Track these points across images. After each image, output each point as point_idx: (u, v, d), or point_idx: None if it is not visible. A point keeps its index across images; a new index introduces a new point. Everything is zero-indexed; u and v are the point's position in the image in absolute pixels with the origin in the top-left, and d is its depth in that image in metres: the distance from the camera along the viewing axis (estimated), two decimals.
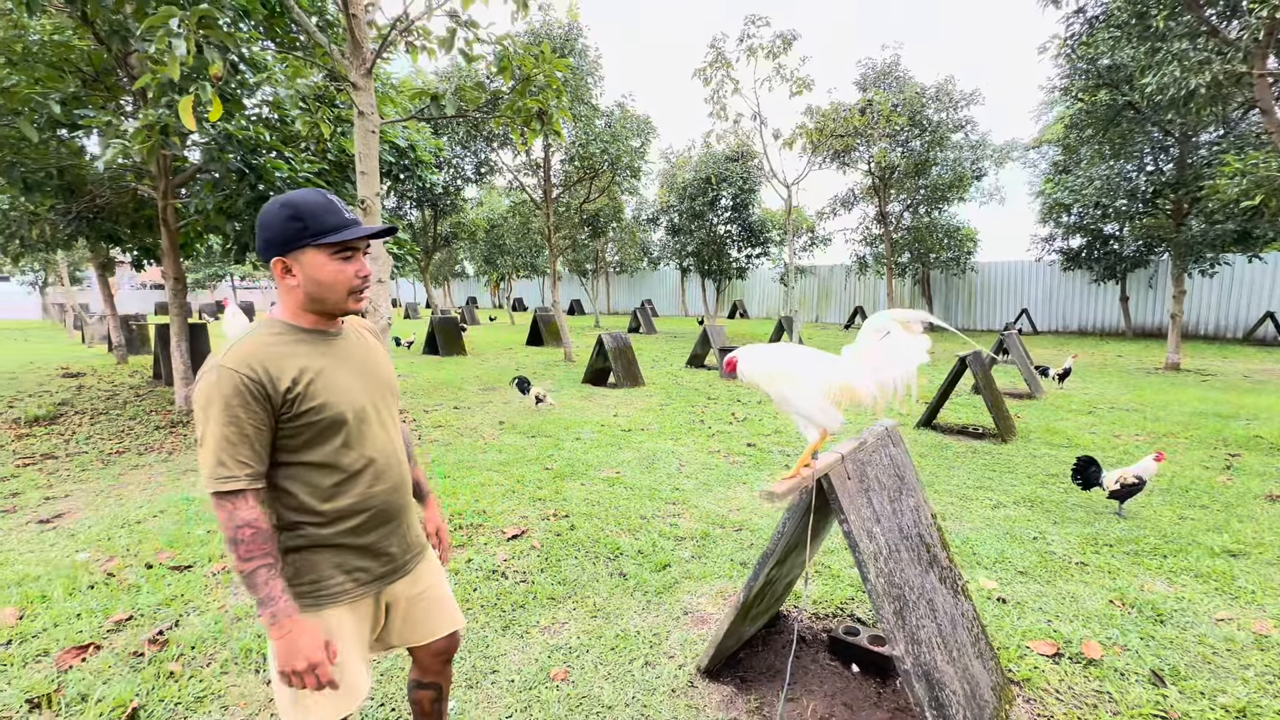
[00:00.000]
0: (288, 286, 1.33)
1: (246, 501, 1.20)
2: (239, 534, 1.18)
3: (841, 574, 3.10)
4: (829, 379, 1.73)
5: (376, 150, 3.10)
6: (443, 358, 12.96)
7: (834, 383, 1.73)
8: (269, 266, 1.32)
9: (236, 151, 4.63)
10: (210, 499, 1.19)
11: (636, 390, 9.23)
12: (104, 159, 4.09)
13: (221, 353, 1.24)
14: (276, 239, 1.29)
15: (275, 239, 1.29)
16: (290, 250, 1.29)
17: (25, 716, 2.04)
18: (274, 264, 1.31)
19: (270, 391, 1.24)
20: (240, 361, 1.22)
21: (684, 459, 5.36)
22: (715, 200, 17.63)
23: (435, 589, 1.57)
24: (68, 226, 6.82)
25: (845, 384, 1.72)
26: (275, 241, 1.29)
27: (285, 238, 1.28)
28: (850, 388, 1.72)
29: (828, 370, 1.75)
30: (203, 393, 1.20)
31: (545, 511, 3.98)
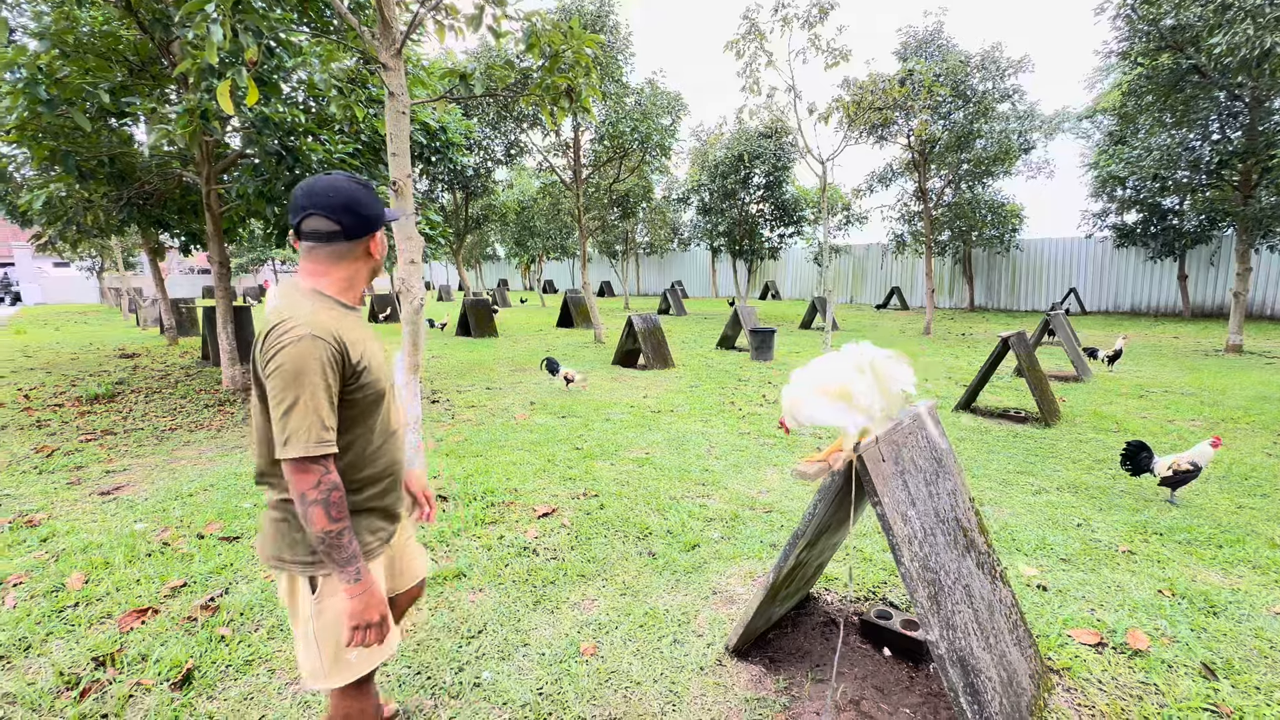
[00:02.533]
0: (357, 263, 1.36)
1: (332, 465, 1.24)
2: (332, 496, 1.23)
3: (873, 557, 3.05)
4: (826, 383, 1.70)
5: (407, 132, 3.12)
6: (475, 339, 13.15)
7: (832, 387, 1.69)
8: (349, 242, 1.33)
9: (274, 135, 4.73)
10: (295, 464, 1.20)
11: (666, 372, 9.21)
12: (148, 144, 4.22)
13: (298, 322, 1.24)
14: (375, 217, 1.34)
15: (374, 217, 1.34)
16: (379, 228, 1.36)
17: (91, 673, 2.18)
18: (368, 241, 1.36)
19: (345, 361, 1.29)
20: (325, 331, 1.25)
21: (714, 440, 5.34)
22: (747, 178, 17.30)
23: (411, 539, 1.71)
24: (119, 213, 7.11)
25: (843, 388, 1.68)
26: (375, 219, 1.34)
27: (379, 216, 1.35)
28: (850, 392, 1.68)
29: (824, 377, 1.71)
30: (293, 359, 1.21)
31: (575, 490, 4.02)
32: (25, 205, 5.93)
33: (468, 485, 4.03)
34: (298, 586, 1.36)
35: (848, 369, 1.68)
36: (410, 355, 3.54)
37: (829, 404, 1.70)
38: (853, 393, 1.65)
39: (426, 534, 3.29)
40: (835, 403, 1.69)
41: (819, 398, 1.71)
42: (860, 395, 1.64)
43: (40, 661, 2.27)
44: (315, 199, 1.31)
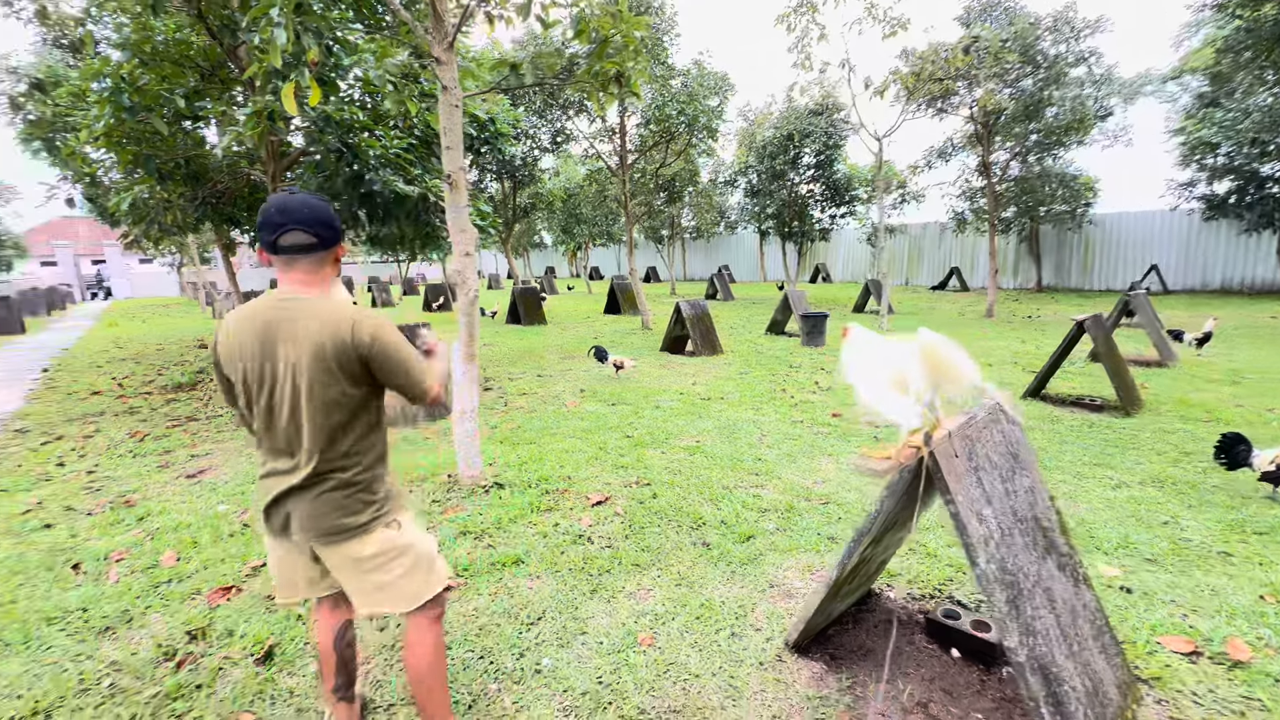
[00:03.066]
0: (329, 269, 1.58)
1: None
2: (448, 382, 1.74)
3: (938, 553, 2.93)
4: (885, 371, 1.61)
5: (460, 124, 3.15)
6: (524, 327, 13.37)
7: (892, 376, 1.60)
8: (325, 251, 1.54)
9: (334, 133, 4.90)
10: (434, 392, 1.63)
11: (715, 358, 9.12)
12: (221, 146, 4.44)
13: (362, 310, 1.55)
14: (341, 229, 1.60)
15: (341, 229, 1.60)
16: (342, 239, 1.63)
17: (185, 646, 2.34)
18: (336, 250, 1.57)
19: None
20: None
21: (766, 429, 5.25)
22: (797, 158, 16.80)
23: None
24: (195, 211, 7.53)
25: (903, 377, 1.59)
26: (341, 231, 1.60)
27: (342, 229, 1.74)
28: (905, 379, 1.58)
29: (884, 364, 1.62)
30: (391, 329, 1.53)
31: (628, 479, 4.03)
32: (114, 207, 6.36)
33: (522, 472, 4.11)
34: (379, 537, 1.55)
35: (908, 357, 1.59)
36: (466, 345, 3.62)
37: (888, 393, 1.61)
38: (913, 383, 1.57)
39: (484, 520, 3.38)
40: (893, 392, 1.61)
41: (877, 385, 1.63)
42: (921, 386, 1.55)
43: (141, 633, 2.46)
44: (291, 215, 1.45)
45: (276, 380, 1.46)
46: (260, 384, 1.47)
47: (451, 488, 3.83)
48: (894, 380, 1.59)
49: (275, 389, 1.47)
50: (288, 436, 1.49)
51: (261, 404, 1.49)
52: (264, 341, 1.45)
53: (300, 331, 1.44)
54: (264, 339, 1.45)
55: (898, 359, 1.60)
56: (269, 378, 1.46)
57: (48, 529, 3.54)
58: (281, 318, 1.46)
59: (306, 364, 1.44)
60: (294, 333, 1.44)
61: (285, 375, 1.45)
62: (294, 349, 1.44)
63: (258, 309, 1.48)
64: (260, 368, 1.46)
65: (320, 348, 1.44)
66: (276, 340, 1.45)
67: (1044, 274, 20.36)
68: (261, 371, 1.47)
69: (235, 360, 1.48)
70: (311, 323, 1.45)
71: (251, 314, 1.48)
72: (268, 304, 1.48)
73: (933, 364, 1.57)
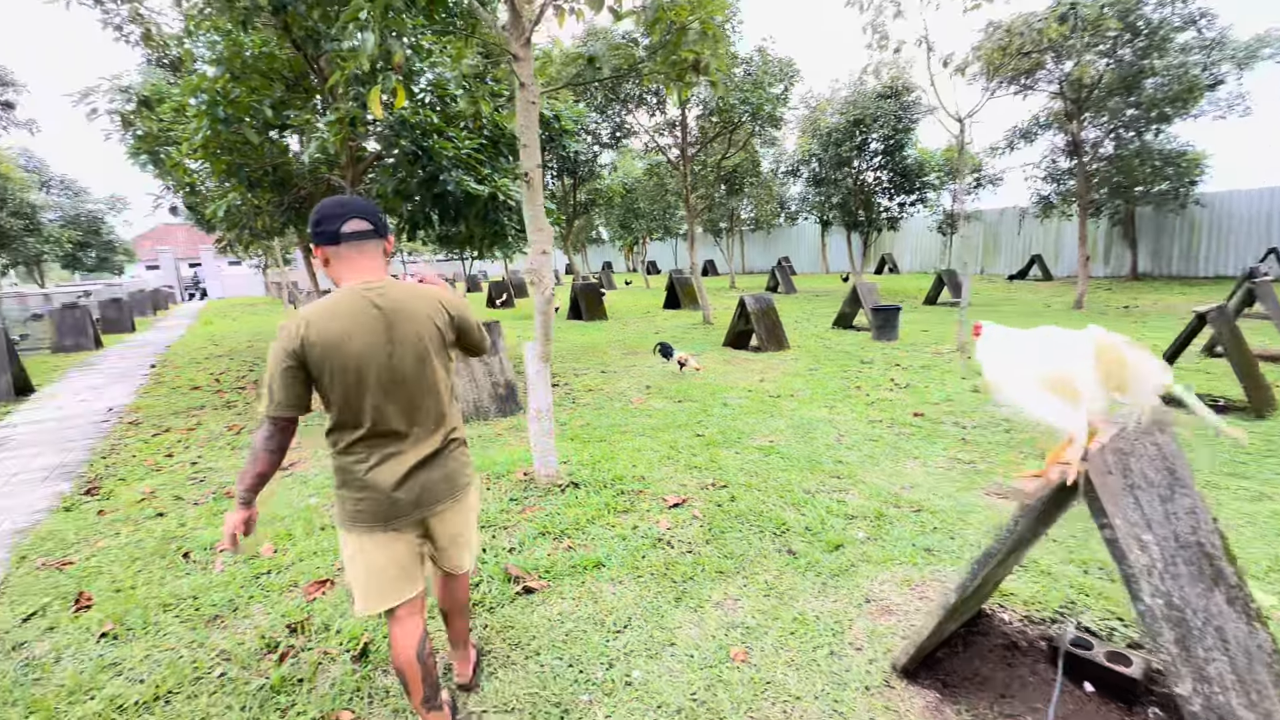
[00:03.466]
0: (384, 257, 1.66)
1: None
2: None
3: (1052, 570, 2.68)
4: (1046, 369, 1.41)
5: (536, 122, 3.11)
6: (586, 322, 13.45)
7: (1053, 375, 1.40)
8: (380, 240, 1.63)
9: (409, 136, 5.01)
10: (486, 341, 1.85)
11: (781, 354, 8.86)
12: (307, 153, 4.63)
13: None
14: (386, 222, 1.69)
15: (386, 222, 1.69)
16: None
17: (286, 639, 2.42)
18: (387, 240, 1.65)
19: None
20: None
21: (842, 428, 5.02)
22: (863, 145, 16.10)
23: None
24: (281, 216, 7.95)
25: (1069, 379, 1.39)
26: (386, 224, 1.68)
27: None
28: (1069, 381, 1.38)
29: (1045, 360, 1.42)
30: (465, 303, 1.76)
31: (703, 480, 3.93)
32: (211, 214, 6.79)
33: (596, 471, 4.07)
34: (476, 485, 1.85)
35: (1078, 355, 1.40)
36: (542, 344, 3.60)
37: (1047, 396, 1.43)
38: (1082, 387, 1.38)
39: (563, 520, 3.36)
40: (1054, 396, 1.43)
41: (1032, 385, 1.45)
42: (1094, 390, 1.36)
43: (245, 623, 2.57)
44: (348, 207, 1.56)
45: (402, 357, 1.54)
46: (380, 365, 1.51)
47: (528, 486, 3.84)
48: (1052, 381, 1.41)
49: (396, 366, 1.53)
50: (409, 412, 1.58)
51: (382, 386, 1.52)
52: (389, 325, 1.52)
53: (418, 310, 1.58)
54: (388, 323, 1.52)
55: (1059, 358, 1.42)
56: (391, 357, 1.53)
57: (160, 517, 3.79)
58: (392, 303, 1.54)
59: (429, 338, 1.59)
60: (413, 312, 1.56)
61: (410, 353, 1.55)
62: (415, 327, 1.56)
63: (358, 303, 1.51)
64: (386, 350, 1.52)
65: (434, 322, 1.60)
66: (398, 322, 1.53)
67: (1139, 260, 18.72)
68: (390, 352, 1.53)
69: (340, 349, 1.47)
70: (419, 303, 1.59)
71: (357, 307, 1.51)
72: (364, 297, 1.52)
73: (1109, 365, 1.38)
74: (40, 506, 4.12)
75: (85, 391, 8.06)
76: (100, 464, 4.98)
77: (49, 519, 3.87)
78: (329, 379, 1.49)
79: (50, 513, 4.00)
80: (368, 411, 1.53)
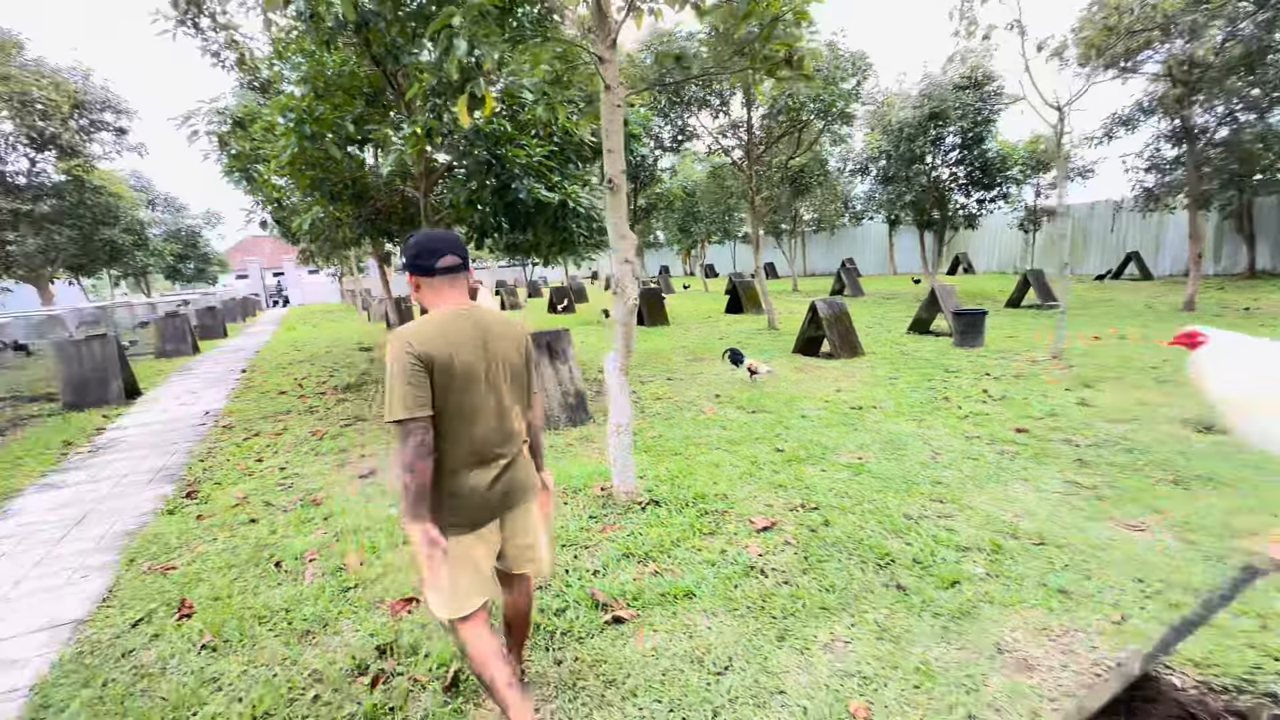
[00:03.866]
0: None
1: None
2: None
3: (1226, 624, 2.29)
4: None
5: (622, 125, 2.98)
6: (648, 327, 13.34)
7: None
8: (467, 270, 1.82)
9: (483, 145, 5.03)
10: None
11: (856, 361, 8.44)
12: (386, 166, 4.71)
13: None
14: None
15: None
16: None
17: (376, 662, 2.38)
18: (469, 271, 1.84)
19: None
20: None
21: (936, 445, 4.64)
22: (938, 140, 15.28)
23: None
24: (359, 228, 8.25)
25: None
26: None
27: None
28: None
29: None
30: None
31: (790, 501, 3.69)
32: (296, 227, 7.10)
33: (675, 488, 3.90)
34: (539, 490, 1.99)
35: None
36: (622, 356, 3.47)
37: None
38: None
39: (646, 541, 3.20)
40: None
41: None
42: None
43: (335, 641, 2.54)
44: (444, 243, 1.74)
45: (495, 371, 1.76)
46: (480, 375, 1.72)
47: (606, 502, 3.72)
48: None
49: (490, 378, 1.75)
50: (500, 419, 1.78)
51: (480, 394, 1.72)
52: (485, 342, 1.74)
53: (506, 332, 1.82)
54: (485, 340, 1.74)
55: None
56: (489, 369, 1.74)
57: (253, 523, 3.90)
58: (489, 323, 1.77)
59: (514, 355, 1.83)
60: (502, 333, 1.80)
61: (501, 366, 1.78)
62: (504, 345, 1.79)
63: (460, 322, 1.71)
64: (485, 363, 1.73)
65: (518, 342, 1.85)
66: (490, 340, 1.75)
67: (1258, 256, 16.89)
68: (488, 365, 1.74)
69: (452, 359, 1.65)
70: (506, 326, 1.83)
71: (460, 324, 1.71)
72: (464, 316, 1.73)
73: None
74: (146, 509, 4.34)
75: (184, 395, 8.61)
76: (198, 467, 5.24)
77: (154, 522, 4.06)
78: (442, 389, 1.65)
79: (155, 515, 4.20)
80: (467, 418, 1.70)
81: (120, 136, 15.35)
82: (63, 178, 15.07)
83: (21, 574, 3.41)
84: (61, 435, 6.62)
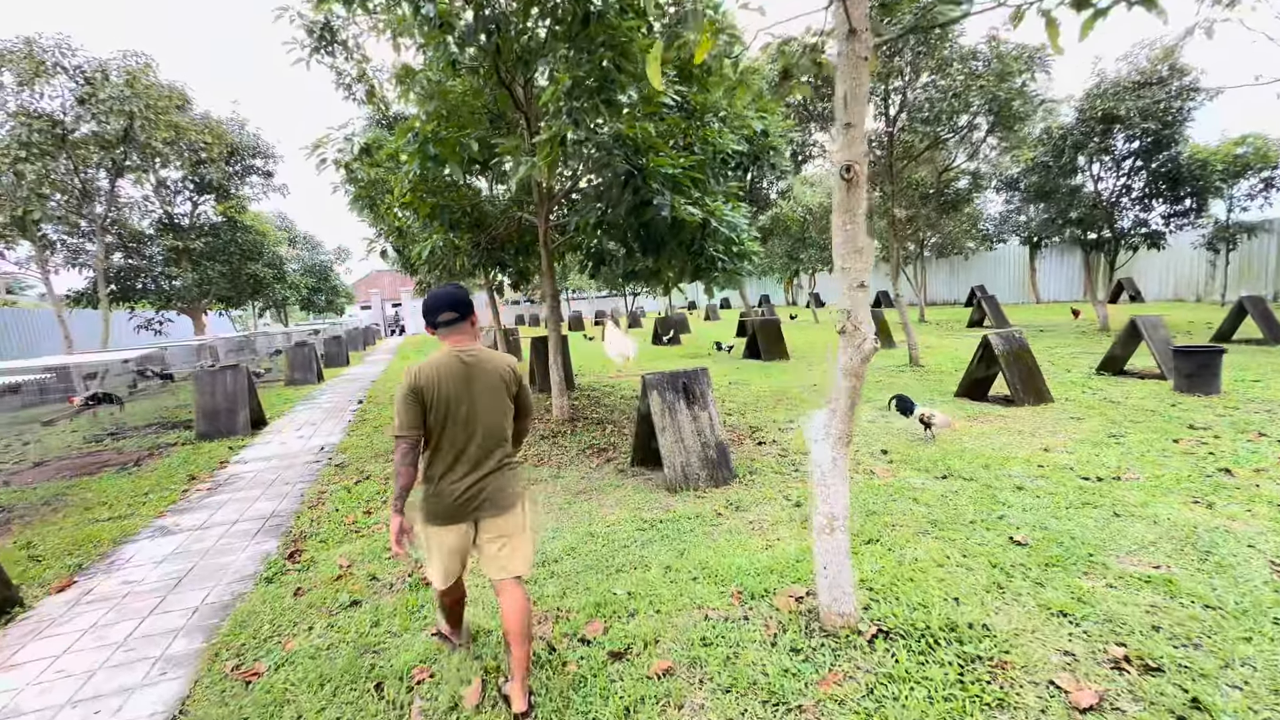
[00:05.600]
0: (471, 331, 2.34)
1: None
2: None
3: None
4: None
5: (868, 85, 2.02)
6: (766, 362, 12.17)
7: None
8: (466, 319, 2.32)
9: (623, 152, 4.30)
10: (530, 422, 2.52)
11: (1045, 409, 6.84)
12: (514, 179, 4.11)
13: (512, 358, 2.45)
14: (469, 304, 2.34)
15: (469, 304, 2.34)
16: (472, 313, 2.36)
17: None
18: (470, 318, 2.33)
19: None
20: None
21: (1265, 548, 3.16)
22: (1106, 147, 13.08)
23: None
24: (475, 256, 7.91)
25: None
26: (469, 306, 2.34)
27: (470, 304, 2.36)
28: None
29: None
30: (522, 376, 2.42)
31: (1097, 646, 2.43)
32: (415, 256, 6.80)
33: (903, 606, 2.76)
34: (522, 507, 2.35)
35: None
36: (843, 421, 2.45)
37: None
38: None
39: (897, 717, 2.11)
40: None
41: None
42: None
43: None
44: (440, 302, 2.27)
45: (475, 400, 2.22)
46: (460, 403, 2.19)
47: (809, 626, 2.66)
48: None
49: (473, 406, 2.21)
50: (480, 440, 2.23)
51: (459, 419, 2.20)
52: (467, 378, 2.22)
53: (488, 369, 2.27)
54: (467, 376, 2.22)
55: None
56: (468, 399, 2.21)
57: (354, 606, 3.23)
58: (476, 362, 2.25)
59: (493, 388, 2.27)
60: (487, 369, 2.26)
61: (480, 396, 2.23)
62: (486, 380, 2.25)
63: (451, 361, 2.22)
64: (469, 394, 2.21)
65: (499, 376, 2.29)
66: (474, 376, 2.23)
67: None
68: (468, 395, 2.21)
69: (436, 390, 2.17)
70: (489, 364, 2.28)
71: (450, 363, 2.21)
72: (456, 356, 2.23)
73: None
74: (248, 570, 3.83)
75: (304, 427, 8.56)
76: (306, 517, 4.77)
77: (251, 592, 3.50)
78: (430, 413, 2.18)
79: (255, 581, 3.66)
80: (450, 434, 2.20)
81: (267, 179, 16.73)
82: (219, 218, 16.57)
83: (102, 660, 2.89)
84: (189, 468, 6.56)
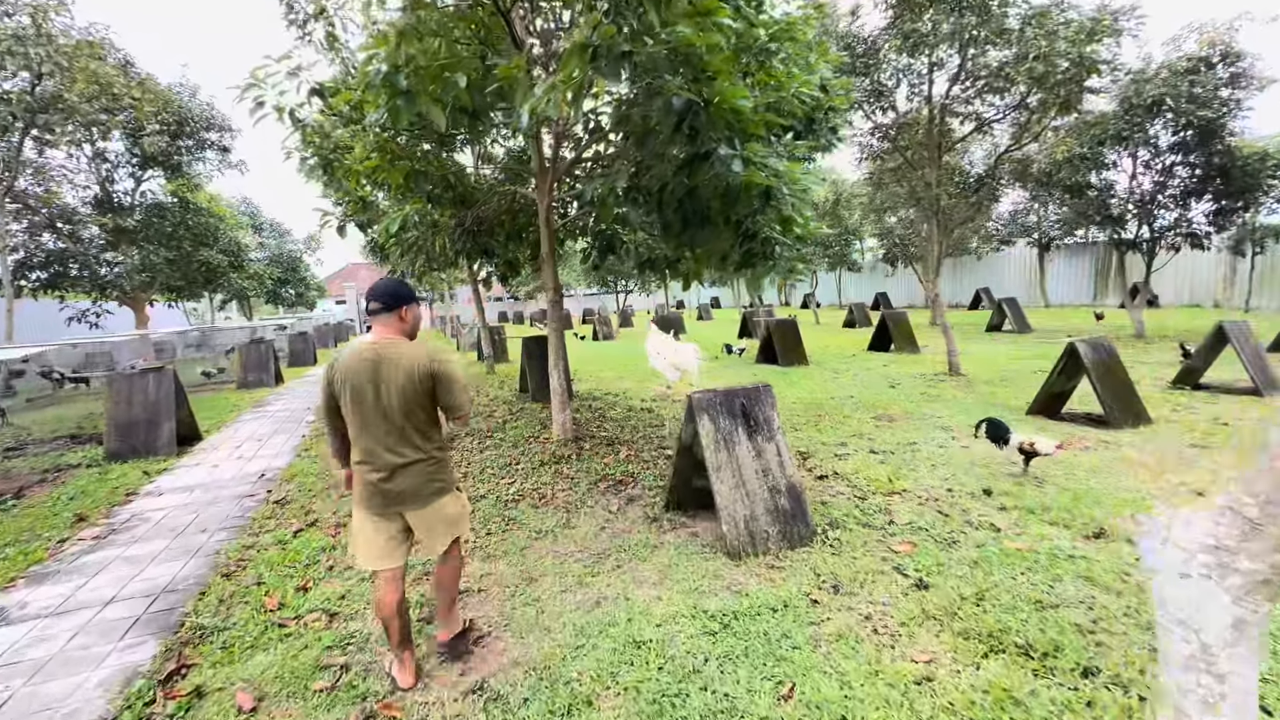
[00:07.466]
0: (399, 324, 2.40)
1: None
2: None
3: None
4: None
5: None
6: (783, 367, 10.92)
7: None
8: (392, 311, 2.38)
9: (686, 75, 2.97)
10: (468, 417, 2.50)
11: (1143, 431, 5.75)
12: (529, 105, 2.79)
13: (432, 348, 2.44)
14: (404, 295, 2.41)
15: (404, 295, 2.41)
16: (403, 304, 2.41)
17: None
18: (399, 310, 2.38)
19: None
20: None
21: None
22: (1149, 138, 12.10)
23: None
24: (457, 242, 6.51)
25: None
26: (404, 296, 2.40)
27: (407, 296, 2.42)
28: None
29: None
30: (451, 364, 2.42)
31: None
32: (383, 233, 5.37)
33: None
34: (452, 498, 2.49)
35: None
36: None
37: None
38: None
39: None
40: None
41: None
42: None
43: None
44: (373, 293, 2.37)
45: (384, 392, 2.26)
46: (367, 396, 2.26)
47: None
48: None
49: (379, 398, 2.26)
50: (391, 432, 2.30)
51: (368, 410, 2.27)
52: (375, 369, 2.27)
53: (397, 361, 2.28)
54: (374, 368, 2.27)
55: None
56: (374, 391, 2.26)
57: None
58: (384, 354, 2.28)
59: (403, 381, 2.27)
60: (392, 362, 2.27)
61: (388, 388, 2.27)
62: (394, 373, 2.27)
63: (364, 350, 2.30)
64: (373, 386, 2.26)
65: (410, 370, 2.28)
66: (381, 368, 2.26)
67: None
68: (374, 388, 2.26)
69: (346, 382, 2.28)
70: (400, 357, 2.29)
71: (361, 353, 2.29)
72: (371, 346, 2.30)
73: None
74: (95, 709, 2.42)
75: (247, 443, 7.06)
76: (214, 593, 3.35)
77: None
78: (344, 398, 2.31)
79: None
80: (361, 425, 2.29)
81: (223, 154, 14.98)
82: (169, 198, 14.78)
83: None
84: (81, 503, 5.06)
